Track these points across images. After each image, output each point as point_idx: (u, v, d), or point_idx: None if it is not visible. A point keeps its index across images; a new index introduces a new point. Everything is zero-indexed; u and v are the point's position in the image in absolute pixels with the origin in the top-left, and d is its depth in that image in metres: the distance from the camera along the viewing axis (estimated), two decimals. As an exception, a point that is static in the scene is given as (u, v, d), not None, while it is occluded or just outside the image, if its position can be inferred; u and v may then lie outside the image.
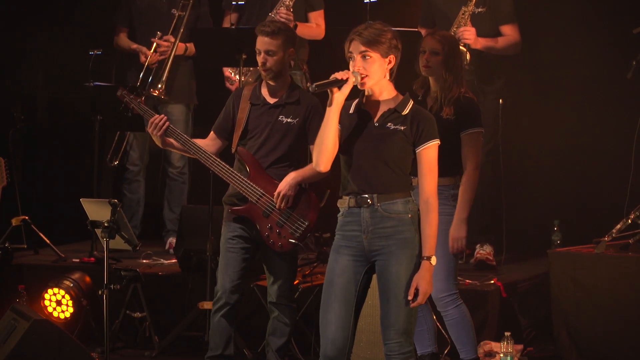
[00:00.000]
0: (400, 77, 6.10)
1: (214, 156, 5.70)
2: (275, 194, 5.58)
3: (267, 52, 5.64)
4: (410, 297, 4.63)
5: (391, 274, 4.67)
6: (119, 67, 7.97)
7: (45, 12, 8.62)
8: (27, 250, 7.71)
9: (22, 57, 8.54)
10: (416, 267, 4.67)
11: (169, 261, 7.35)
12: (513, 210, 7.43)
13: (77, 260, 7.39)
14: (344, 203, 4.77)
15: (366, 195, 4.70)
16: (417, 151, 4.70)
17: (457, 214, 5.60)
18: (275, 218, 5.62)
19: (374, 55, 4.67)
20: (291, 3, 7.28)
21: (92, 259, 7.30)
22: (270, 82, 5.71)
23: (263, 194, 5.64)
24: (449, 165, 5.61)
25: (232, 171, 5.69)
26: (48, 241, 7.58)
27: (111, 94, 6.05)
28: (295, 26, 7.18)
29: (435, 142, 4.71)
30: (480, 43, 6.97)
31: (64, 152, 8.76)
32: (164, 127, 5.65)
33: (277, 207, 5.60)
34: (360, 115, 4.76)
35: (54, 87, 8.64)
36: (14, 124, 7.92)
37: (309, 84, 4.72)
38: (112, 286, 5.71)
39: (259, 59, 5.66)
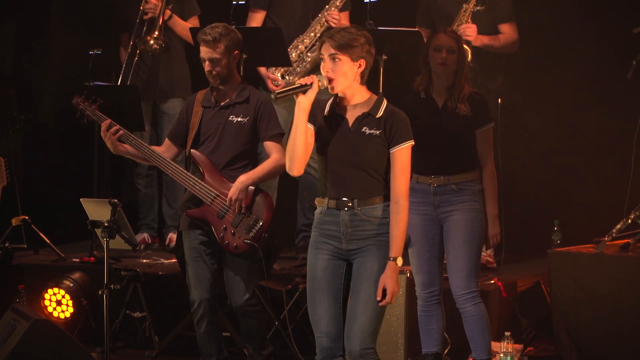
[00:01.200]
0: (403, 77, 6.12)
1: (168, 159, 5.74)
2: (227, 199, 5.60)
3: (210, 60, 5.65)
4: (378, 298, 4.63)
5: (365, 269, 4.69)
6: (119, 67, 7.97)
7: (45, 13, 8.62)
8: (27, 250, 7.71)
9: (23, 57, 8.54)
10: None
11: (169, 261, 7.35)
12: (513, 210, 7.43)
13: (77, 260, 7.39)
14: (323, 203, 4.77)
15: (346, 199, 4.71)
16: (391, 152, 4.69)
17: (491, 210, 5.70)
18: (229, 219, 5.63)
19: (343, 59, 4.64)
20: (341, 4, 7.27)
21: (92, 258, 7.30)
22: (220, 87, 5.73)
23: (217, 195, 5.65)
24: (471, 161, 5.67)
25: (186, 174, 5.71)
26: (48, 241, 7.58)
27: (111, 93, 6.06)
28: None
29: (409, 144, 4.70)
30: (481, 40, 6.98)
31: (64, 152, 8.76)
32: (118, 134, 5.69)
33: (231, 211, 5.62)
34: (335, 119, 4.75)
35: (54, 87, 8.64)
36: (14, 124, 7.91)
37: (272, 93, 4.72)
38: (112, 286, 5.70)
39: (204, 67, 5.68)
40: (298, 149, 4.68)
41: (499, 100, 7.15)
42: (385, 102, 4.75)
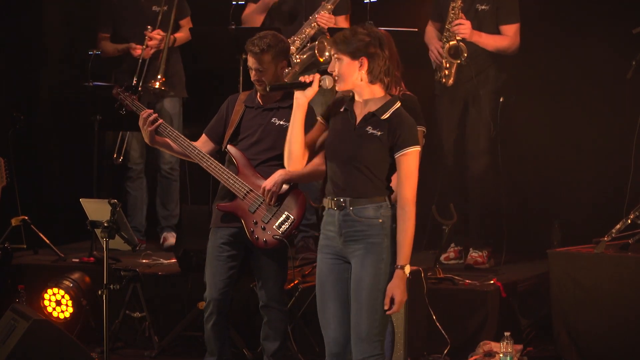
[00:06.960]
0: (404, 77, 6.09)
1: (203, 152, 5.75)
2: (261, 189, 5.61)
3: (257, 70, 5.68)
4: (386, 307, 4.59)
5: (355, 277, 4.66)
6: (118, 68, 7.97)
7: (44, 13, 8.62)
8: (27, 250, 7.70)
9: (22, 57, 8.53)
10: (382, 273, 4.61)
11: (168, 261, 7.35)
12: (513, 210, 7.43)
13: (77, 260, 7.39)
14: (325, 203, 4.77)
15: (340, 199, 4.68)
16: (395, 157, 4.63)
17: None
18: (261, 214, 5.65)
19: (343, 58, 4.63)
20: (332, 7, 7.25)
21: (92, 259, 7.30)
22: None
23: (250, 190, 5.67)
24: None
25: (221, 167, 5.73)
26: (48, 241, 7.58)
27: (110, 93, 6.06)
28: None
29: (415, 149, 4.62)
30: (477, 36, 6.93)
31: (64, 152, 8.76)
32: (157, 123, 5.69)
33: (263, 206, 5.62)
34: (346, 116, 4.74)
35: (54, 87, 8.64)
36: (14, 124, 7.91)
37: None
38: (112, 286, 5.70)
39: (252, 75, 5.72)
40: (292, 145, 4.69)
41: (501, 99, 7.13)
42: (396, 105, 4.68)
